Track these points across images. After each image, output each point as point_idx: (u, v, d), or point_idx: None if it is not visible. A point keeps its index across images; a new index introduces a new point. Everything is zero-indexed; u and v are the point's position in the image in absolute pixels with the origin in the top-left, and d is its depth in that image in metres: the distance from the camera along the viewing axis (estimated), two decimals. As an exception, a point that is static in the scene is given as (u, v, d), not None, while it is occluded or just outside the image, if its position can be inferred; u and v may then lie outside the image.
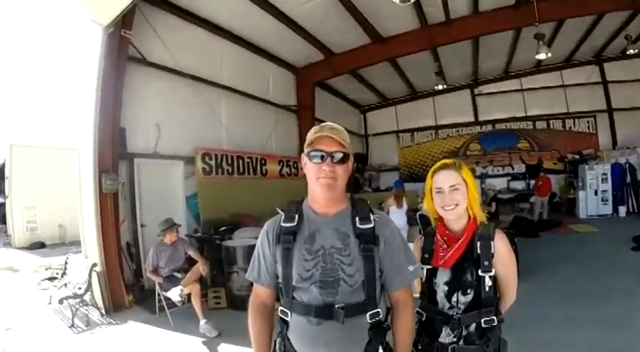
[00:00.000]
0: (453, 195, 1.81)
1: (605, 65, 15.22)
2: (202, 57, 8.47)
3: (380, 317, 1.62)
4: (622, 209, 12.97)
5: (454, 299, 1.80)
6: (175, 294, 5.14)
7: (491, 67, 15.16)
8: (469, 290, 1.78)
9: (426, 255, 1.90)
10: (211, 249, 6.94)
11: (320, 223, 1.64)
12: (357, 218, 1.63)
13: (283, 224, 1.67)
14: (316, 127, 1.65)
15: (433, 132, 17.63)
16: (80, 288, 5.69)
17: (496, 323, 1.77)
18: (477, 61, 13.91)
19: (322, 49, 10.67)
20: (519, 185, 16.05)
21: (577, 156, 15.12)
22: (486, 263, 1.75)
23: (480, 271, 1.75)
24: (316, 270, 1.57)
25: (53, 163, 13.44)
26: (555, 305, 5.28)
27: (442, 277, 1.84)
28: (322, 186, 1.58)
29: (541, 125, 16.34)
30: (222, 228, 7.20)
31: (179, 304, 5.32)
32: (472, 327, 1.78)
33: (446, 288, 1.83)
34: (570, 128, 15.96)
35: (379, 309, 1.62)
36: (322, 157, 1.57)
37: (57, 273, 7.43)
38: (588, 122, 15.73)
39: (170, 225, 5.54)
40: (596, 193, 13.05)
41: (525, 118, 16.45)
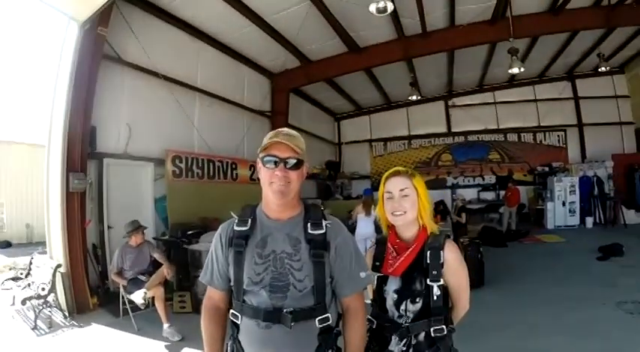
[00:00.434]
0: (402, 202, 1.83)
1: (577, 81, 15.71)
2: (178, 58, 8.41)
3: (329, 322, 1.63)
4: (589, 220, 13.31)
5: (403, 307, 1.81)
6: (139, 297, 5.05)
7: (465, 80, 15.42)
8: (418, 298, 1.79)
9: (377, 263, 1.91)
10: (178, 253, 6.84)
11: (272, 228, 1.65)
12: (309, 223, 1.64)
13: (236, 228, 1.67)
14: (272, 133, 1.66)
15: (406, 142, 17.81)
16: (44, 289, 5.55)
17: (446, 332, 1.78)
18: (452, 74, 14.16)
19: (299, 56, 10.71)
20: (489, 195, 16.32)
21: (546, 168, 15.45)
22: (435, 272, 1.76)
23: (429, 280, 1.77)
24: (266, 274, 1.58)
25: (22, 160, 13.09)
26: (520, 313, 5.35)
27: (392, 285, 1.86)
28: (275, 193, 1.59)
29: (512, 137, 16.66)
30: (189, 232, 7.13)
31: (142, 307, 5.21)
32: (421, 336, 1.78)
33: (395, 296, 1.84)
34: (541, 141, 16.35)
35: (329, 314, 1.62)
36: (276, 163, 1.59)
37: (21, 273, 7.24)
38: (559, 136, 16.15)
39: (136, 227, 5.47)
40: (564, 204, 13.38)
41: (497, 131, 16.76)
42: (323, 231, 1.63)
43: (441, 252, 1.79)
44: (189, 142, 8.81)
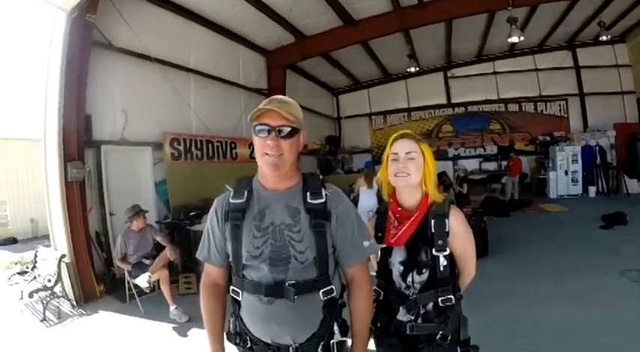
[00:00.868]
0: (407, 164, 1.76)
1: (577, 50, 15.53)
2: (170, 40, 8.26)
3: (334, 294, 1.58)
4: (592, 189, 13.32)
5: (409, 279, 1.77)
6: (143, 281, 5.07)
7: (464, 50, 15.22)
8: (424, 269, 1.75)
9: (379, 234, 1.86)
10: (181, 235, 6.87)
11: (270, 199, 1.58)
12: (308, 193, 1.57)
13: (232, 200, 1.61)
14: (265, 100, 1.58)
15: (406, 114, 17.72)
16: (50, 281, 5.56)
17: (454, 301, 1.75)
18: (450, 44, 13.95)
19: (293, 32, 10.54)
20: (491, 166, 16.34)
21: (548, 137, 15.40)
22: (440, 242, 1.71)
23: (434, 250, 1.72)
24: (266, 247, 1.52)
25: (22, 155, 13.05)
26: (523, 282, 5.38)
27: (397, 256, 1.81)
28: (268, 165, 1.52)
29: (513, 108, 16.55)
30: (191, 213, 7.13)
31: (147, 291, 5.26)
32: (429, 306, 1.76)
33: (401, 268, 1.80)
34: (542, 111, 16.25)
35: (332, 286, 1.58)
36: (268, 131, 1.51)
37: (27, 267, 7.26)
38: (560, 105, 16.04)
39: (137, 212, 5.45)
40: (566, 174, 13.40)
41: (498, 101, 16.65)
42: (323, 200, 1.57)
43: (446, 220, 1.73)
44: (186, 124, 8.73)
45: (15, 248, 11.59)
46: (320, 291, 1.54)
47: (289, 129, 1.52)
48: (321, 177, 1.71)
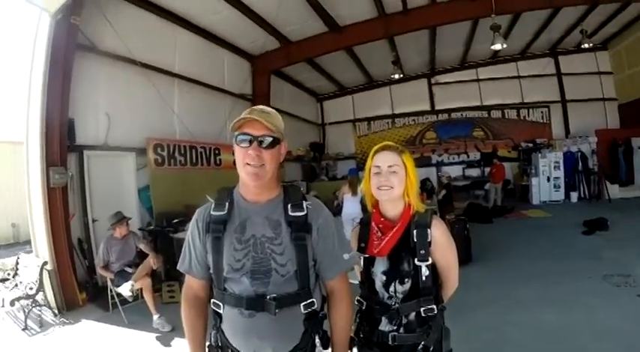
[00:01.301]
0: (390, 177, 1.77)
1: (560, 58, 15.79)
2: (155, 44, 8.21)
3: (315, 306, 1.58)
4: (574, 195, 13.47)
5: (392, 288, 1.78)
6: (126, 289, 5.01)
7: (448, 57, 15.36)
8: (406, 279, 1.76)
9: (362, 244, 1.87)
10: (165, 242, 6.80)
11: (251, 211, 1.58)
12: (289, 205, 1.57)
13: (213, 212, 1.60)
14: (246, 110, 1.57)
15: (390, 120, 17.81)
16: (32, 288, 5.46)
17: (436, 311, 1.76)
18: (434, 51, 14.08)
19: (279, 37, 10.56)
20: (474, 172, 16.47)
21: (531, 144, 15.58)
22: (422, 251, 1.72)
23: (417, 260, 1.72)
24: (247, 260, 1.52)
25: (4, 159, 12.75)
26: (507, 288, 5.41)
27: (379, 266, 1.82)
28: (249, 175, 1.51)
29: (496, 114, 16.74)
30: (175, 220, 7.04)
31: (130, 299, 5.19)
32: (412, 316, 1.76)
33: (384, 278, 1.80)
34: (525, 117, 16.47)
35: (314, 299, 1.58)
36: (250, 142, 1.50)
37: (8, 274, 7.10)
38: (542, 112, 16.28)
39: (120, 219, 5.38)
40: (548, 180, 13.51)
41: (481, 108, 16.82)
42: (304, 213, 1.57)
43: (428, 230, 1.74)
44: (170, 129, 8.66)
45: (-5, 254, 11.31)
46: (301, 304, 1.54)
47: (271, 139, 1.52)
48: (302, 189, 1.71)
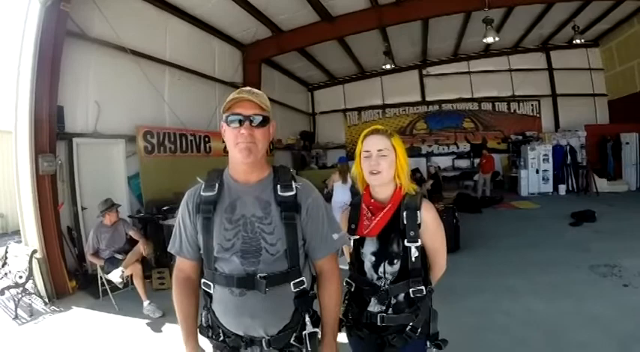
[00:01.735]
0: (380, 161, 1.80)
1: (551, 53, 15.91)
2: (145, 32, 8.12)
3: (305, 285, 1.60)
4: (562, 187, 13.64)
5: (381, 269, 1.81)
6: (116, 276, 5.01)
7: (440, 49, 15.42)
8: (395, 260, 1.79)
9: (352, 225, 1.89)
10: (154, 230, 6.80)
11: (241, 191, 1.59)
12: (279, 185, 1.59)
13: (203, 193, 1.61)
14: (235, 91, 1.59)
15: (380, 111, 17.89)
16: (21, 277, 5.42)
17: (425, 293, 1.79)
18: (426, 43, 14.12)
19: (270, 26, 10.49)
20: (464, 163, 16.61)
21: (520, 137, 15.73)
22: (412, 233, 1.75)
23: (406, 241, 1.75)
24: (237, 240, 1.53)
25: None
26: (496, 276, 5.48)
27: (369, 247, 1.85)
28: (242, 151, 1.52)
29: (487, 107, 16.86)
30: (164, 208, 7.02)
31: (120, 286, 5.19)
32: (400, 297, 1.80)
33: (373, 259, 1.83)
34: (515, 110, 16.60)
35: (303, 278, 1.60)
36: (240, 122, 1.52)
37: (-2, 264, 7.06)
38: (532, 105, 16.42)
39: (109, 206, 5.38)
40: (537, 172, 13.66)
41: (471, 100, 16.92)
42: (293, 193, 1.58)
43: (418, 213, 1.77)
44: (160, 117, 8.59)
45: (-17, 245, 11.19)
46: (291, 283, 1.57)
47: (261, 117, 1.54)
48: (292, 170, 1.72)
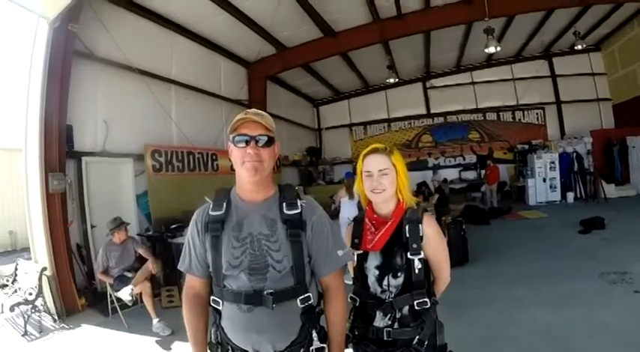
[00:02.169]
0: (381, 180, 1.83)
1: (554, 59, 15.93)
2: (152, 51, 8.27)
3: (311, 301, 1.63)
4: (570, 195, 13.55)
5: (385, 282, 1.83)
6: (126, 294, 5.04)
7: (443, 61, 15.51)
8: (399, 273, 1.81)
9: (356, 240, 1.92)
10: (163, 248, 6.82)
11: (247, 210, 1.64)
12: (284, 204, 1.63)
13: (211, 212, 1.66)
14: (240, 113, 1.64)
15: (386, 125, 17.93)
16: (31, 294, 5.47)
17: (429, 305, 1.80)
18: (429, 55, 14.21)
19: (274, 43, 10.63)
20: (471, 175, 16.56)
21: (526, 146, 15.66)
22: (415, 246, 1.77)
23: (409, 254, 1.78)
24: (245, 257, 1.57)
25: (1, 166, 12.72)
26: (505, 288, 5.43)
27: (372, 261, 1.87)
28: (248, 170, 1.57)
29: (491, 117, 16.87)
30: (173, 226, 7.06)
31: (130, 304, 5.22)
32: (405, 309, 1.81)
33: (377, 272, 1.85)
34: (520, 119, 16.60)
35: (310, 294, 1.63)
36: (247, 142, 1.57)
37: (7, 280, 7.11)
38: (537, 114, 16.42)
39: (118, 224, 5.43)
40: (544, 181, 13.60)
41: (476, 110, 16.94)
42: (299, 211, 1.63)
43: (420, 226, 1.80)
44: (167, 136, 8.69)
45: (-7, 261, 11.27)
46: (298, 299, 1.60)
47: (266, 138, 1.59)
48: (297, 188, 1.77)
